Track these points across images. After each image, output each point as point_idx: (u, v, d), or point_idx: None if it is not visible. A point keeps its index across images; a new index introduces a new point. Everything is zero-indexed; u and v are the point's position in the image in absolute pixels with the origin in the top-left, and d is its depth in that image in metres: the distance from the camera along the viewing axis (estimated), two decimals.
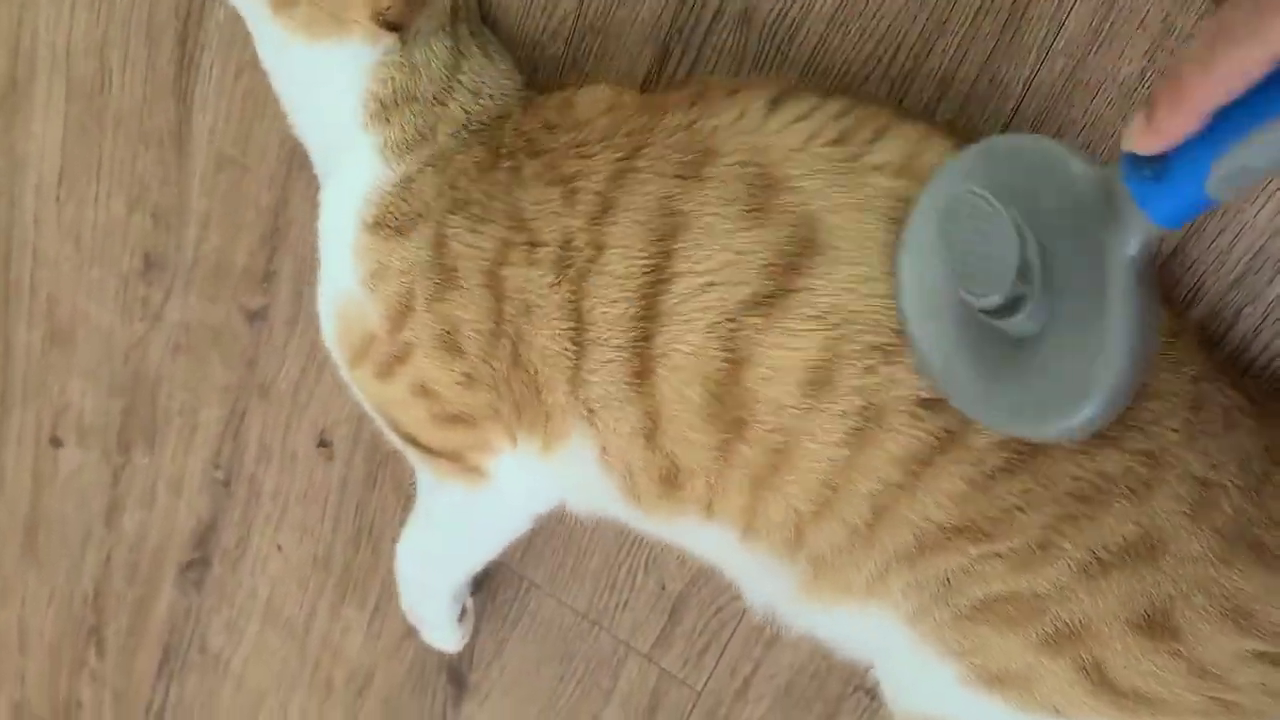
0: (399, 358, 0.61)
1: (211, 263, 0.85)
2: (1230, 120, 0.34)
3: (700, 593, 0.77)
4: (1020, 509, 0.51)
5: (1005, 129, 0.60)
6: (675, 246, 0.53)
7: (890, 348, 0.51)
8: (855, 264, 0.51)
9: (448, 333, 0.59)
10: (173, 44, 0.80)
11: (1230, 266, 0.58)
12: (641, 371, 0.55)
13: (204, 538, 0.95)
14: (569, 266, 0.56)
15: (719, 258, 0.52)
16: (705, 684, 0.79)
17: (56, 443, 0.98)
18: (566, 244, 0.56)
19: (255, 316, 0.85)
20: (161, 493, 0.95)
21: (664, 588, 0.78)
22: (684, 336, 0.53)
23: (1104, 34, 0.57)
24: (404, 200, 0.61)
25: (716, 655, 0.78)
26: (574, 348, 0.56)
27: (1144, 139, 0.36)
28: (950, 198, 0.47)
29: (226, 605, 0.96)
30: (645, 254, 0.54)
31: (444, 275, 0.59)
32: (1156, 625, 0.50)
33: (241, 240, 0.83)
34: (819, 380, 0.51)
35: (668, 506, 0.58)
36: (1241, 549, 0.50)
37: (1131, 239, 0.41)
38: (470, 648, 0.87)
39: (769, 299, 0.52)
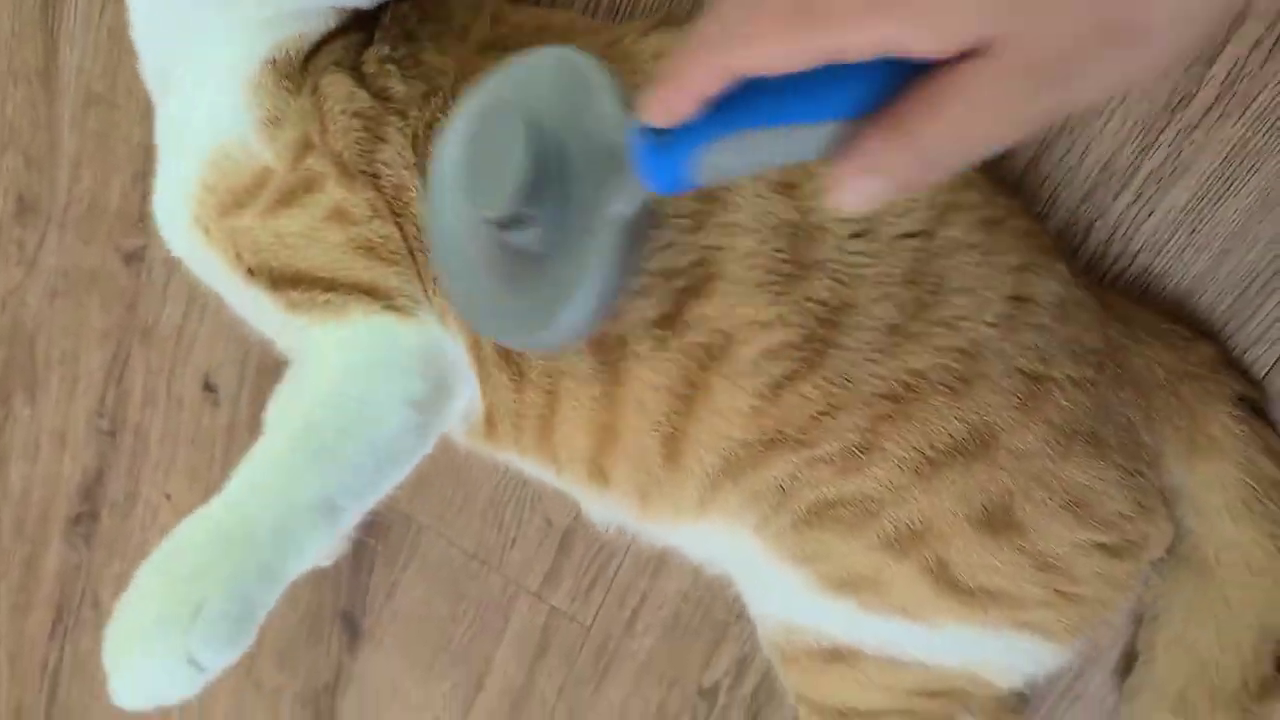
0: (308, 185, 0.54)
1: (85, 204, 0.83)
2: (718, 120, 0.37)
3: (586, 527, 0.77)
4: (825, 414, 0.51)
5: None
6: None
7: None
8: None
9: (345, 165, 0.55)
10: None
11: (1080, 181, 0.59)
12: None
13: (91, 490, 0.93)
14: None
15: None
16: (594, 619, 0.79)
17: None
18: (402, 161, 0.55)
19: (132, 258, 0.83)
20: (45, 445, 0.93)
21: (550, 523, 0.78)
22: None
23: None
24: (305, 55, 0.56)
25: (604, 589, 0.78)
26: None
27: (654, 112, 0.38)
28: (482, 106, 0.48)
29: (117, 559, 0.94)
30: None
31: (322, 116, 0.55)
32: (997, 521, 0.51)
33: (114, 180, 0.81)
34: None
35: (489, 446, 0.60)
36: (1078, 441, 0.51)
37: (625, 196, 0.43)
38: (363, 593, 0.86)
39: None
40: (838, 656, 0.57)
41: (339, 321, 0.53)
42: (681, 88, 0.36)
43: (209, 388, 0.85)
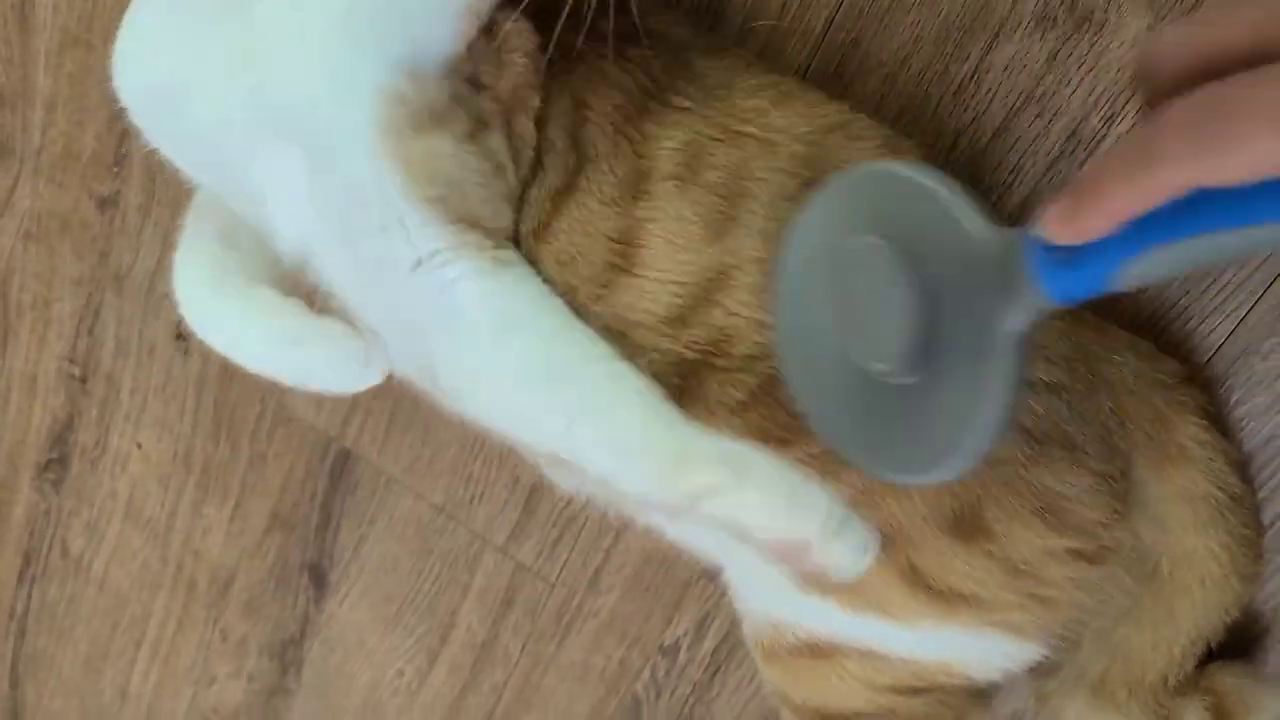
0: (484, 123, 0.52)
1: (59, 147, 0.82)
2: (1147, 227, 0.34)
3: (553, 484, 0.78)
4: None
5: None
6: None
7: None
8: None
9: (507, 109, 0.52)
10: None
11: (1046, 150, 0.59)
12: None
13: (61, 437, 0.93)
14: None
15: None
16: (559, 576, 0.80)
17: None
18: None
19: (106, 203, 0.83)
20: (16, 392, 0.93)
21: (518, 480, 0.79)
22: None
23: None
24: None
25: (569, 547, 0.79)
26: None
27: (1062, 232, 0.36)
28: (846, 242, 0.46)
29: (86, 507, 0.94)
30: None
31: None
32: (967, 526, 0.51)
33: (89, 123, 0.80)
34: None
35: None
36: (1052, 448, 0.51)
37: (1023, 313, 0.40)
38: (331, 545, 0.86)
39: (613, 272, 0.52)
40: (819, 652, 0.57)
41: (503, 271, 0.51)
42: (1105, 210, 0.34)
43: (181, 336, 0.85)
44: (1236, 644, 0.60)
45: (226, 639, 0.93)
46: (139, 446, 0.90)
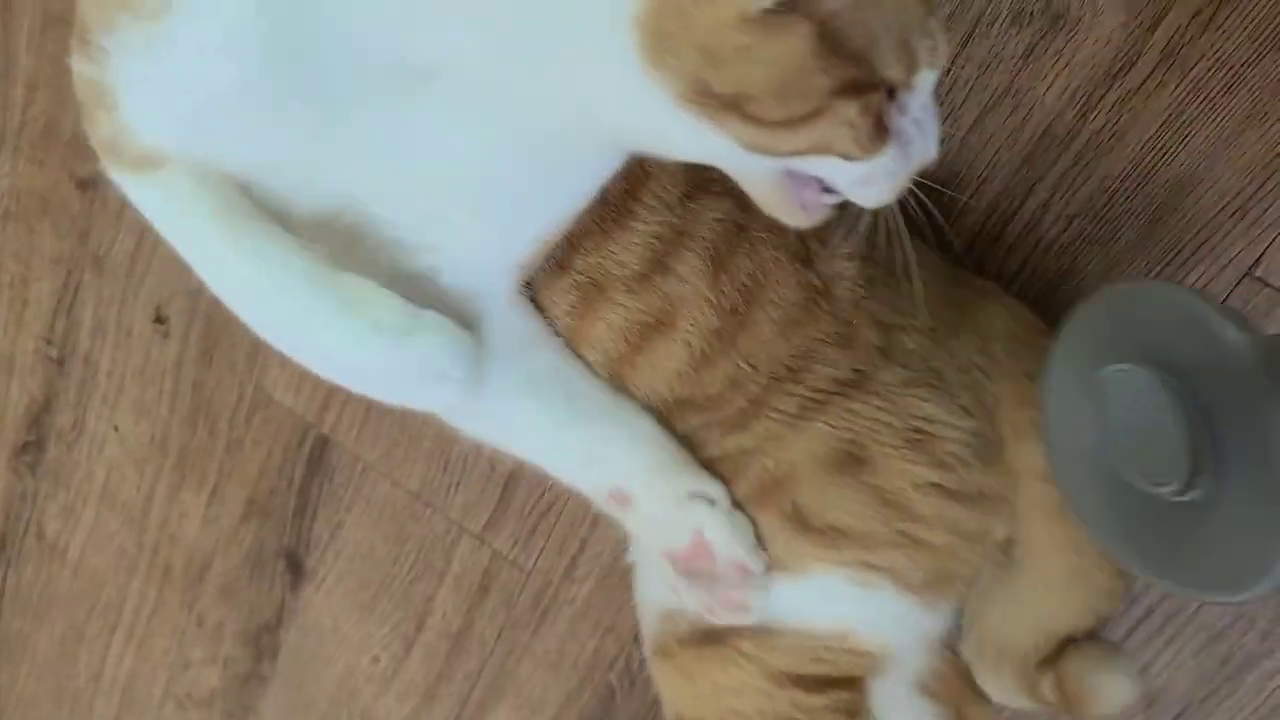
0: None
1: (40, 126, 0.82)
2: None
3: (529, 472, 0.78)
4: (735, 382, 0.55)
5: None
6: None
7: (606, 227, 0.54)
8: None
9: None
10: None
11: (1022, 144, 0.60)
12: None
13: (38, 419, 0.92)
14: None
15: None
16: (534, 564, 0.80)
17: None
18: None
19: (86, 184, 0.82)
20: None
21: (494, 468, 0.79)
22: None
23: None
24: None
25: (545, 535, 0.79)
26: None
27: None
28: (1103, 370, 0.47)
29: (63, 489, 0.94)
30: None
31: None
32: (852, 458, 0.54)
33: (70, 102, 0.80)
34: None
35: None
36: (922, 378, 0.55)
37: None
38: (308, 532, 0.86)
39: None
40: (712, 637, 0.59)
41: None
42: None
43: (159, 319, 0.85)
44: None
45: (202, 624, 0.93)
46: (116, 429, 0.90)
